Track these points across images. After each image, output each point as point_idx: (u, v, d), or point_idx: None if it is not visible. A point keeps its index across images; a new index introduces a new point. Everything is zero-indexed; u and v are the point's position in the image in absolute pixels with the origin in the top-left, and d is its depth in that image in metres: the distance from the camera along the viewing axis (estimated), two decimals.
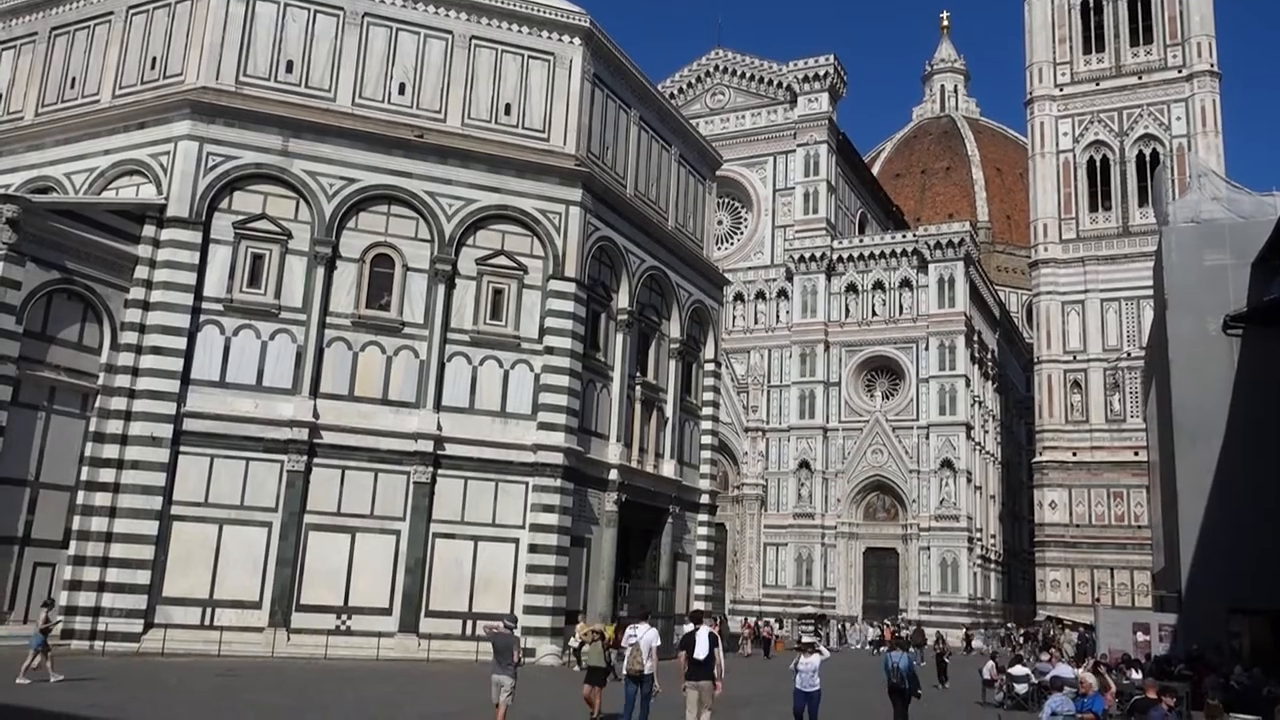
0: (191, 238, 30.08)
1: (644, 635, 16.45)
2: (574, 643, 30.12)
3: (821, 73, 76.48)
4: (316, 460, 30.25)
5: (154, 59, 32.78)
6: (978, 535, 70.47)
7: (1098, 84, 72.97)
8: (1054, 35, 74.57)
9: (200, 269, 30.11)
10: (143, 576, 27.98)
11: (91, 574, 27.73)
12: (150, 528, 28.31)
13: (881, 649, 42.03)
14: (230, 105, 31.05)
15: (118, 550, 27.97)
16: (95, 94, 33.55)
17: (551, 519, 32.04)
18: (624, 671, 16.99)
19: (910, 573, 67.46)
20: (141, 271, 29.58)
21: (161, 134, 31.00)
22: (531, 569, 31.64)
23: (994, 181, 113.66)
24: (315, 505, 30.08)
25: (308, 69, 32.58)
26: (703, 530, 43.40)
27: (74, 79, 34.25)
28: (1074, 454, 68.69)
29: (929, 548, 66.60)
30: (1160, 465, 36.96)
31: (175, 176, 30.35)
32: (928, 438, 67.86)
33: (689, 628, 15.91)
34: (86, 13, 34.63)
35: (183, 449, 29.14)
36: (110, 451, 28.43)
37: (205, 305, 30.06)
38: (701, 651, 15.09)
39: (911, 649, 31.59)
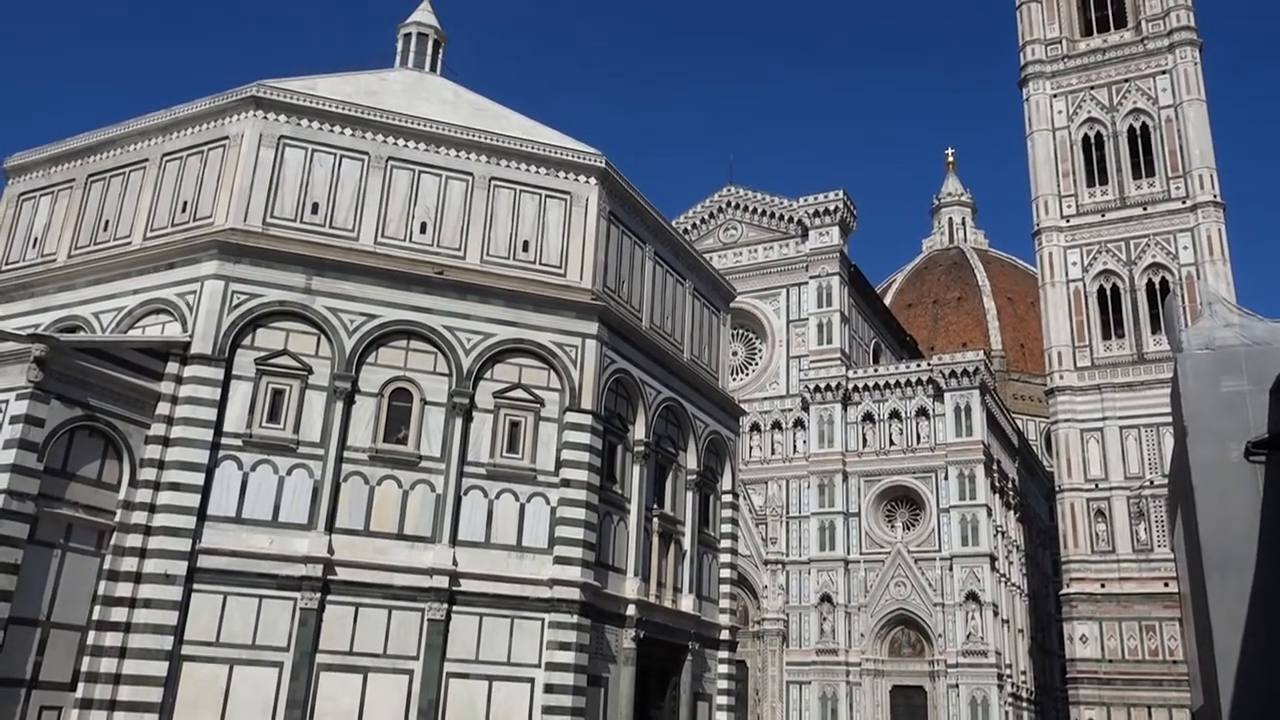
0: (214, 374, 30.49)
1: None
2: None
3: (831, 207, 78.30)
4: (330, 597, 29.80)
5: (185, 202, 33.90)
6: (1007, 672, 68.18)
7: (1103, 215, 74.13)
8: (1057, 169, 76.13)
9: (221, 405, 30.37)
10: None
11: (98, 719, 27.05)
12: (160, 669, 27.73)
13: None
14: (256, 245, 31.92)
15: (126, 693, 27.30)
16: (127, 236, 34.60)
17: (568, 657, 31.26)
18: None
19: (939, 712, 64.95)
20: (163, 408, 29.84)
21: (189, 274, 31.75)
22: (547, 710, 30.67)
23: (1006, 310, 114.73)
24: (327, 644, 29.46)
25: (332, 210, 33.62)
26: (723, 668, 42.17)
27: (107, 222, 35.40)
28: (1102, 585, 66.89)
29: (957, 685, 64.33)
30: (1191, 597, 35.88)
31: (200, 315, 30.96)
32: (951, 569, 66.47)
33: None
34: (123, 160, 36.05)
35: (196, 586, 28.80)
36: (123, 590, 28.09)
37: (224, 440, 30.23)
38: None
39: None
